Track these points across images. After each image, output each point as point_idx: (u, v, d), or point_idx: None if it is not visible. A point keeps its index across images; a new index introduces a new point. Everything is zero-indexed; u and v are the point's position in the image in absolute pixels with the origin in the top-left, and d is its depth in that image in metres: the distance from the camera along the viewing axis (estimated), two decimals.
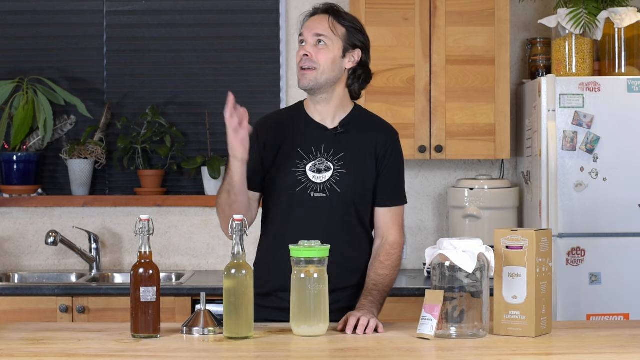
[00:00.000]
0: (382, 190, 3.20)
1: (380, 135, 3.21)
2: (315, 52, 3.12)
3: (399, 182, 3.24)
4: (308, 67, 3.11)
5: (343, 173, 3.15)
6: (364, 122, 3.23)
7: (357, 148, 3.18)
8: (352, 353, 2.69)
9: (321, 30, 3.13)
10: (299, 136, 3.19)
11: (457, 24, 4.45)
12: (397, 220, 3.22)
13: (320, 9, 3.19)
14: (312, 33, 3.13)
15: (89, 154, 4.76)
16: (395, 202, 3.22)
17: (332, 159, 3.16)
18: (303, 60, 3.12)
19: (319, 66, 3.12)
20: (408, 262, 4.79)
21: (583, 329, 2.98)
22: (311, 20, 3.17)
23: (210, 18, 4.86)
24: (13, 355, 2.61)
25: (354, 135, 3.19)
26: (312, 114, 3.21)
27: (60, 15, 4.87)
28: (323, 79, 3.13)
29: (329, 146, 3.17)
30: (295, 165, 3.15)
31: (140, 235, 2.81)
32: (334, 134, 3.18)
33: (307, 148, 3.17)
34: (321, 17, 3.16)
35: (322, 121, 3.20)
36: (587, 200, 4.17)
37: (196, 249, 4.82)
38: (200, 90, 4.86)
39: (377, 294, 3.09)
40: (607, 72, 4.38)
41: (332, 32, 3.13)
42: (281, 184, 3.16)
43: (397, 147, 3.24)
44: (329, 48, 3.12)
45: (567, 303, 4.15)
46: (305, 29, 3.16)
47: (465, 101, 4.47)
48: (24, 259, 4.82)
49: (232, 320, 2.79)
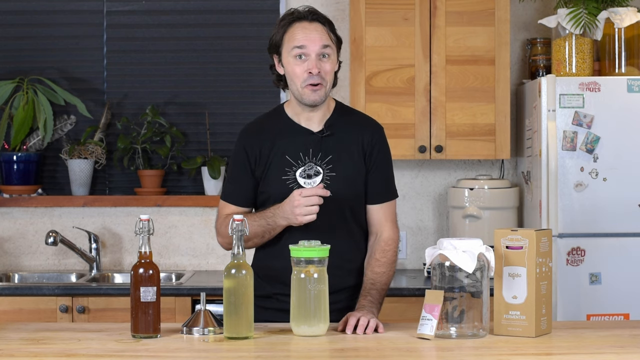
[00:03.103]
0: (373, 188, 3.18)
1: (365, 132, 3.18)
2: (320, 66, 3.06)
3: (389, 177, 3.22)
4: (319, 82, 3.06)
5: (333, 176, 3.12)
6: (348, 121, 3.20)
7: (345, 148, 3.15)
8: (352, 353, 2.69)
9: (325, 41, 3.07)
10: (286, 143, 3.14)
11: (457, 24, 4.45)
12: (390, 216, 3.21)
13: (308, 15, 3.09)
14: (318, 46, 3.05)
15: (89, 154, 4.76)
16: (386, 198, 3.21)
17: (321, 162, 3.13)
18: (312, 78, 3.05)
19: (326, 82, 3.08)
20: (408, 262, 4.79)
21: (583, 329, 2.98)
22: (306, 31, 3.07)
23: (210, 18, 4.86)
24: (13, 355, 2.62)
25: (340, 135, 3.16)
26: (297, 119, 3.17)
27: (60, 15, 4.87)
28: (329, 91, 3.13)
29: (316, 150, 3.14)
30: (285, 173, 3.12)
31: (140, 235, 2.81)
32: (320, 137, 3.15)
33: (294, 154, 3.13)
34: (318, 28, 3.08)
35: (308, 125, 3.16)
36: (587, 200, 4.17)
37: (196, 249, 4.82)
38: (200, 90, 4.86)
39: (376, 293, 3.09)
40: (607, 72, 4.38)
41: (331, 41, 3.10)
42: (273, 193, 3.13)
43: (384, 142, 3.21)
44: (331, 59, 3.10)
45: (567, 303, 4.15)
46: (305, 40, 3.06)
47: (465, 101, 4.47)
48: (24, 259, 4.82)
49: (232, 320, 2.79)
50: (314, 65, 3.05)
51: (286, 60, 3.10)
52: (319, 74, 3.05)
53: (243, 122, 4.62)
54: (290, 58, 3.08)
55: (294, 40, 3.07)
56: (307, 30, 3.07)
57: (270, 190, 3.14)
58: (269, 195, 3.14)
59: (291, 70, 3.08)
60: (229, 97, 4.87)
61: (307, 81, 3.06)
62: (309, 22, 3.09)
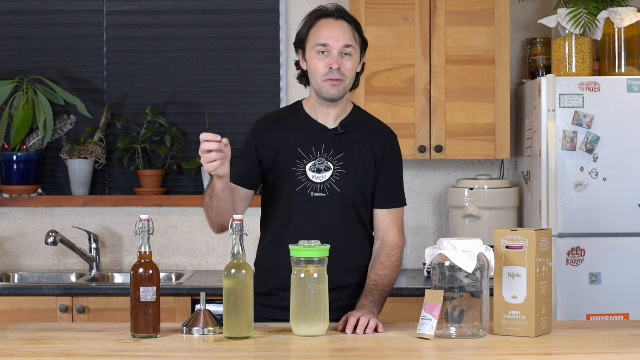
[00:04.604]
0: (382, 192, 3.20)
1: (379, 137, 3.21)
2: (342, 62, 3.09)
3: (398, 184, 3.25)
4: (338, 78, 3.10)
5: (343, 173, 3.15)
6: (364, 124, 3.24)
7: (357, 149, 3.18)
8: (352, 353, 2.69)
9: (348, 40, 3.10)
10: (299, 136, 3.19)
11: (457, 24, 4.45)
12: (397, 222, 3.23)
13: (334, 13, 3.14)
14: (341, 44, 3.09)
15: (89, 154, 4.76)
16: (394, 204, 3.23)
17: (332, 159, 3.16)
18: (333, 73, 3.09)
19: (346, 78, 3.11)
20: (408, 262, 4.79)
21: (583, 329, 2.98)
22: (331, 28, 3.11)
23: (210, 18, 4.86)
24: (13, 355, 2.62)
25: (354, 135, 3.19)
26: (315, 115, 3.21)
27: (60, 15, 4.87)
28: (348, 88, 3.16)
29: (329, 146, 3.17)
30: (295, 165, 3.16)
31: (140, 235, 2.81)
32: (334, 134, 3.18)
33: (307, 148, 3.17)
34: (343, 25, 3.12)
35: (324, 122, 3.20)
36: (587, 200, 4.17)
37: (196, 249, 4.82)
38: (200, 90, 4.86)
39: (378, 294, 3.10)
40: (607, 72, 4.38)
41: (355, 41, 3.13)
42: (281, 184, 3.16)
43: (396, 149, 3.25)
44: (353, 58, 3.12)
45: (567, 303, 4.15)
46: (328, 38, 3.10)
47: (465, 101, 4.47)
48: (24, 259, 4.82)
49: (232, 320, 2.79)
50: (335, 61, 3.09)
51: (309, 55, 3.14)
52: (339, 70, 3.09)
53: (243, 122, 4.69)
54: (313, 53, 3.13)
55: (318, 36, 3.12)
56: (332, 27, 3.12)
57: (279, 180, 3.17)
58: (277, 184, 3.16)
59: (313, 65, 3.13)
60: (229, 97, 4.87)
61: (327, 76, 3.10)
62: (335, 20, 3.13)
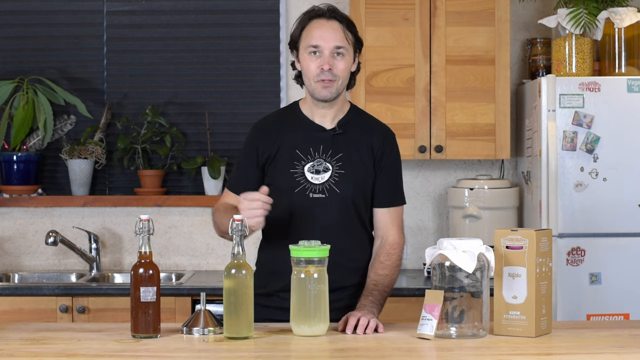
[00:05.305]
0: (381, 191, 3.20)
1: (377, 136, 3.21)
2: (333, 63, 3.10)
3: (397, 183, 3.25)
4: (330, 79, 3.10)
5: (342, 173, 3.15)
6: (361, 123, 3.23)
7: (355, 148, 3.18)
8: (352, 353, 2.69)
9: (339, 41, 3.10)
10: (297, 137, 3.18)
11: (457, 24, 4.45)
12: (397, 221, 3.23)
13: (326, 13, 3.13)
14: (332, 45, 3.09)
15: (89, 154, 4.76)
16: (393, 203, 3.23)
17: (331, 159, 3.16)
18: (324, 73, 3.09)
19: (338, 78, 3.11)
20: (408, 262, 4.79)
21: (583, 329, 2.98)
22: (323, 29, 3.11)
23: (210, 18, 4.86)
24: (13, 355, 2.62)
25: (352, 135, 3.19)
26: (311, 116, 3.21)
27: (60, 15, 4.87)
28: (341, 89, 3.15)
29: (327, 147, 3.17)
30: (294, 166, 3.16)
31: (140, 235, 2.81)
32: (332, 135, 3.18)
33: (305, 149, 3.17)
34: (334, 26, 3.11)
35: (321, 122, 3.20)
36: (587, 200, 4.17)
37: (196, 249, 4.82)
38: (200, 90, 4.86)
39: (378, 294, 3.10)
40: (607, 72, 4.38)
41: (347, 41, 3.12)
42: (280, 186, 3.15)
43: (394, 148, 3.25)
44: (346, 58, 3.12)
45: (567, 303, 4.15)
46: (319, 39, 3.10)
47: (465, 101, 4.47)
48: (24, 259, 4.82)
49: (232, 320, 2.79)
50: (326, 62, 3.09)
51: (302, 56, 3.15)
52: (330, 70, 3.09)
53: (243, 122, 4.69)
54: (305, 54, 3.13)
55: (310, 37, 3.12)
56: (323, 28, 3.12)
57: (277, 181, 3.16)
58: (276, 186, 3.15)
59: (305, 66, 3.13)
60: (229, 97, 4.87)
61: (319, 76, 3.10)
62: (327, 20, 3.13)
